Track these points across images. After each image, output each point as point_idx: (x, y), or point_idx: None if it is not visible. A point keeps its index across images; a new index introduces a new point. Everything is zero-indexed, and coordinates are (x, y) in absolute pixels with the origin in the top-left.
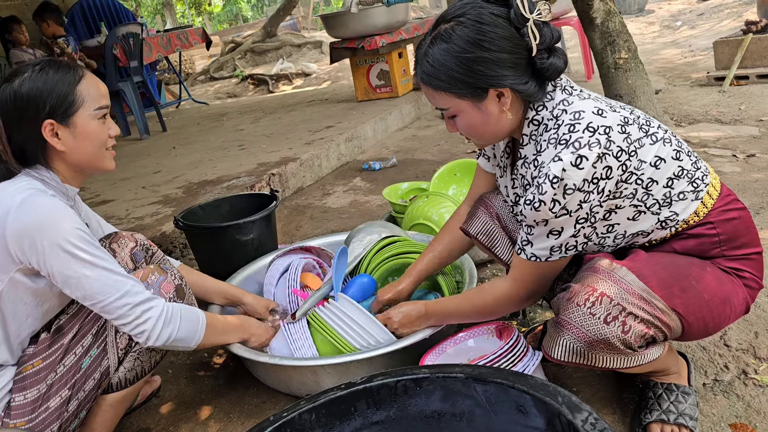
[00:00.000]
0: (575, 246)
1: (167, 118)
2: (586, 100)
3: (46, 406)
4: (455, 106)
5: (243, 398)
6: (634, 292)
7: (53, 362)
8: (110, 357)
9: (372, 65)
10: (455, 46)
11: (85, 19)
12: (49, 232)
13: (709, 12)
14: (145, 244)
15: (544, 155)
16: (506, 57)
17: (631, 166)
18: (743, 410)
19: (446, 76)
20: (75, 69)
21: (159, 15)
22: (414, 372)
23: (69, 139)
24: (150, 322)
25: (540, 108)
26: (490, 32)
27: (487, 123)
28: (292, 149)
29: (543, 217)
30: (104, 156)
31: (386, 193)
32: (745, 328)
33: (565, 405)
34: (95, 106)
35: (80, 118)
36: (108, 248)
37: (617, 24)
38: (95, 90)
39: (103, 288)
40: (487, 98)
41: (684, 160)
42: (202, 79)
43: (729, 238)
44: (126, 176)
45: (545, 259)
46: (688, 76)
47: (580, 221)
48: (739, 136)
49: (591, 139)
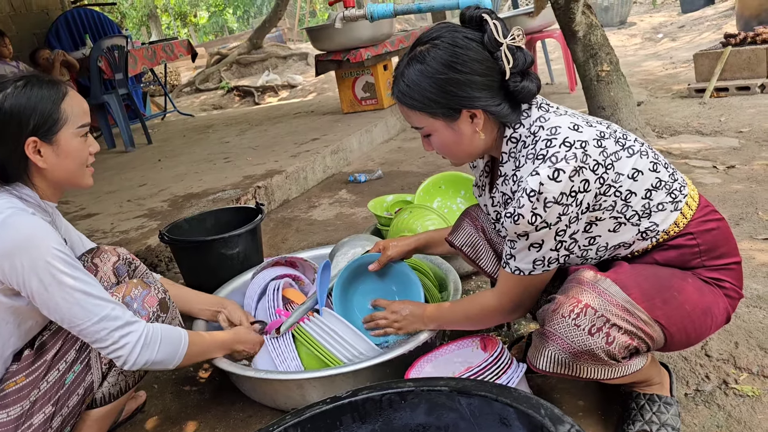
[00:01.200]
0: (557, 259)
1: (152, 130)
2: (562, 116)
3: (30, 423)
4: (429, 125)
5: (228, 413)
6: (618, 304)
7: (36, 379)
8: (94, 372)
9: (357, 77)
10: (429, 68)
11: (69, 31)
12: (29, 253)
13: (689, 24)
14: (128, 258)
15: (523, 170)
16: (479, 79)
17: (608, 179)
18: (724, 420)
19: (420, 96)
20: (59, 86)
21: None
22: (399, 385)
23: (51, 156)
24: (127, 347)
25: (517, 126)
26: (463, 55)
27: (460, 143)
28: (278, 162)
29: (523, 230)
30: (84, 173)
31: (371, 206)
32: (725, 339)
33: (548, 417)
34: (78, 123)
35: (63, 136)
36: (90, 263)
37: (599, 37)
38: (78, 108)
39: (81, 312)
40: (459, 119)
41: (661, 171)
42: (187, 90)
43: (709, 248)
44: (111, 189)
45: (528, 272)
46: (669, 87)
47: (559, 233)
48: (719, 148)
49: (568, 153)
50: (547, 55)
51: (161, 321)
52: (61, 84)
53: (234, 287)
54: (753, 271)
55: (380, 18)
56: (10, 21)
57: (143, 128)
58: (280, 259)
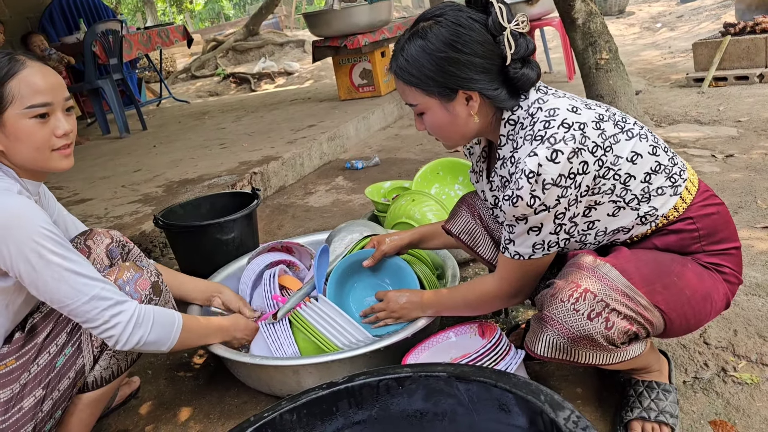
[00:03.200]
0: (557, 243)
1: (147, 116)
2: (560, 98)
3: (20, 406)
4: (423, 103)
5: (223, 399)
6: (618, 289)
7: (27, 362)
8: (85, 355)
9: (355, 64)
10: (430, 44)
11: (63, 16)
12: (16, 232)
13: (688, 14)
14: (122, 240)
15: (520, 152)
16: (478, 61)
17: (607, 161)
18: (723, 407)
19: (418, 72)
20: (12, 62)
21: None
22: (396, 371)
23: (3, 138)
24: (119, 326)
25: (516, 108)
26: (465, 35)
27: (453, 124)
28: (274, 148)
29: (522, 213)
30: (49, 157)
31: (369, 192)
32: (724, 326)
33: (548, 403)
34: (26, 104)
35: (9, 118)
36: (83, 245)
37: (598, 25)
38: (30, 87)
39: (70, 291)
40: (455, 99)
41: (660, 155)
42: (183, 77)
43: (708, 233)
44: (105, 175)
45: (528, 256)
46: (667, 77)
47: (558, 216)
48: (717, 137)
49: (566, 134)
50: (546, 43)
51: (154, 304)
52: (16, 60)
53: (229, 272)
54: (752, 260)
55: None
56: (3, 5)
57: (138, 114)
58: (276, 245)
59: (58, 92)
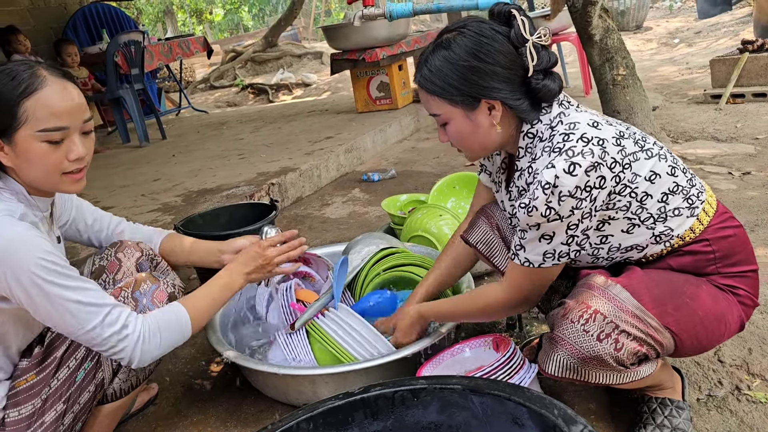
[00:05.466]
0: (567, 254)
1: (167, 125)
2: (582, 113)
3: (42, 420)
4: (447, 113)
5: (240, 407)
6: (628, 310)
7: (47, 376)
8: (104, 369)
9: (372, 77)
10: (453, 54)
11: (87, 26)
12: (11, 263)
13: (706, 30)
14: (151, 254)
15: (538, 162)
16: (501, 71)
17: (624, 178)
18: (737, 426)
19: (441, 82)
20: (33, 78)
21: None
22: (411, 383)
23: (13, 157)
24: (127, 350)
25: (535, 122)
26: (487, 45)
27: (476, 134)
28: (292, 159)
29: (535, 221)
30: (59, 181)
31: (385, 205)
32: (739, 345)
33: (561, 418)
34: (40, 127)
35: (21, 138)
36: (114, 257)
37: (615, 41)
38: (47, 109)
39: (72, 321)
40: (478, 109)
41: (679, 176)
42: (202, 87)
43: (724, 255)
44: (125, 183)
45: (538, 264)
46: (685, 93)
47: (571, 227)
48: (735, 154)
49: (585, 148)
50: (563, 58)
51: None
52: (37, 77)
53: None
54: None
55: (399, 17)
56: (28, 15)
57: (158, 123)
58: None
59: (76, 116)
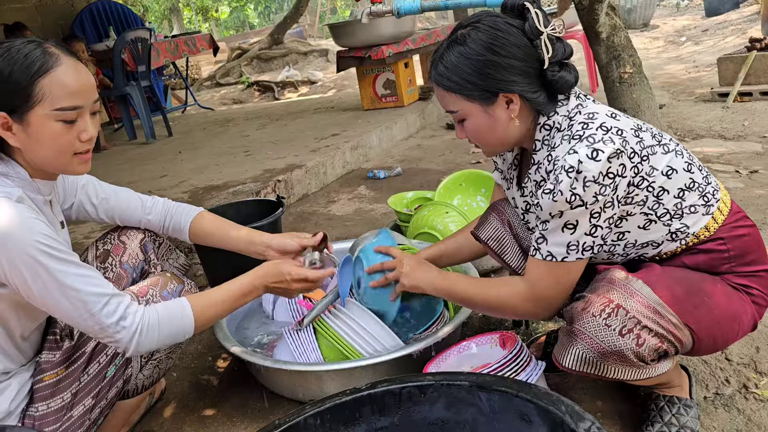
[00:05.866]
0: (591, 247)
1: (173, 123)
2: (600, 105)
3: (70, 414)
4: (464, 109)
5: (247, 402)
6: (649, 306)
7: (76, 370)
8: (134, 365)
9: (378, 74)
10: (469, 49)
11: (94, 23)
12: (9, 246)
13: (713, 28)
14: (152, 235)
15: (558, 150)
16: (517, 64)
17: (642, 170)
18: (744, 424)
19: (458, 78)
20: (48, 57)
21: (166, 20)
22: (418, 379)
23: (23, 137)
24: (123, 341)
25: (552, 114)
26: (503, 38)
27: (494, 128)
28: (298, 156)
29: (559, 209)
30: (69, 162)
31: (391, 202)
32: (746, 343)
33: (569, 414)
34: (56, 105)
35: (35, 117)
36: (117, 241)
37: (622, 39)
38: (63, 87)
39: (69, 308)
40: (496, 103)
41: (695, 173)
42: (208, 84)
43: (739, 254)
44: (132, 180)
45: (561, 258)
46: (692, 91)
47: (594, 216)
48: (742, 152)
49: (605, 136)
50: None
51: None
52: (50, 54)
53: None
54: None
55: (407, 14)
56: (35, 11)
57: (164, 120)
58: None
59: (89, 94)
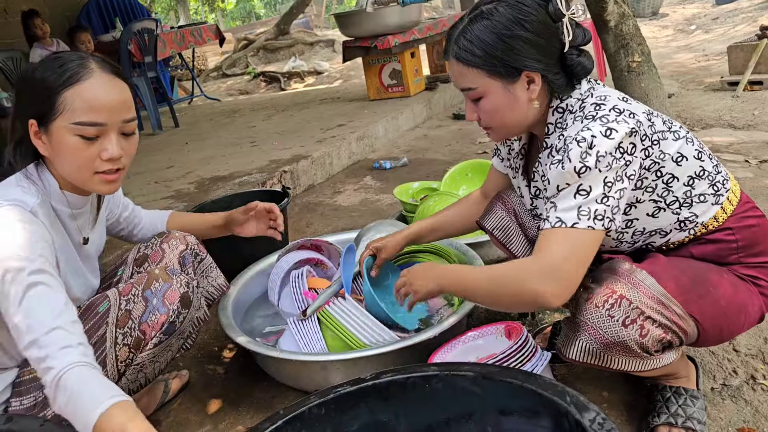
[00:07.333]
0: (603, 216)
1: (179, 113)
2: (611, 89)
3: (44, 414)
4: (484, 86)
5: (252, 392)
6: (653, 296)
7: None
8: (109, 369)
9: (384, 64)
10: (496, 23)
11: (100, 14)
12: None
13: (723, 16)
14: (195, 249)
15: (570, 130)
16: (542, 42)
17: (653, 154)
18: (751, 415)
19: (482, 52)
20: (80, 69)
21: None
22: (423, 369)
23: (49, 147)
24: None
25: (565, 97)
26: (530, 14)
27: (513, 109)
28: (304, 147)
29: (567, 180)
30: (89, 179)
31: (397, 192)
32: (754, 334)
33: (573, 405)
34: (75, 119)
35: (56, 128)
36: (158, 247)
37: (631, 27)
38: (84, 102)
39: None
40: (518, 81)
41: (705, 161)
42: (214, 75)
43: (747, 245)
44: (138, 170)
45: (572, 223)
46: (701, 80)
47: (608, 184)
48: (752, 142)
49: (618, 117)
50: None
51: (182, 318)
52: (86, 68)
53: (260, 269)
54: None
55: (412, 2)
56: (42, 2)
57: (171, 111)
58: (305, 242)
59: (116, 113)
